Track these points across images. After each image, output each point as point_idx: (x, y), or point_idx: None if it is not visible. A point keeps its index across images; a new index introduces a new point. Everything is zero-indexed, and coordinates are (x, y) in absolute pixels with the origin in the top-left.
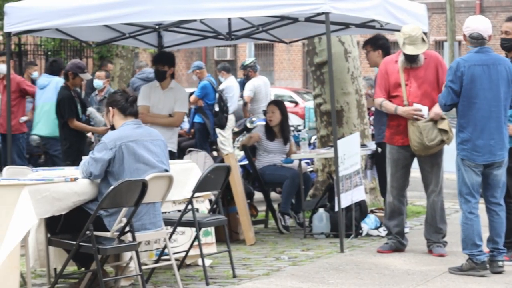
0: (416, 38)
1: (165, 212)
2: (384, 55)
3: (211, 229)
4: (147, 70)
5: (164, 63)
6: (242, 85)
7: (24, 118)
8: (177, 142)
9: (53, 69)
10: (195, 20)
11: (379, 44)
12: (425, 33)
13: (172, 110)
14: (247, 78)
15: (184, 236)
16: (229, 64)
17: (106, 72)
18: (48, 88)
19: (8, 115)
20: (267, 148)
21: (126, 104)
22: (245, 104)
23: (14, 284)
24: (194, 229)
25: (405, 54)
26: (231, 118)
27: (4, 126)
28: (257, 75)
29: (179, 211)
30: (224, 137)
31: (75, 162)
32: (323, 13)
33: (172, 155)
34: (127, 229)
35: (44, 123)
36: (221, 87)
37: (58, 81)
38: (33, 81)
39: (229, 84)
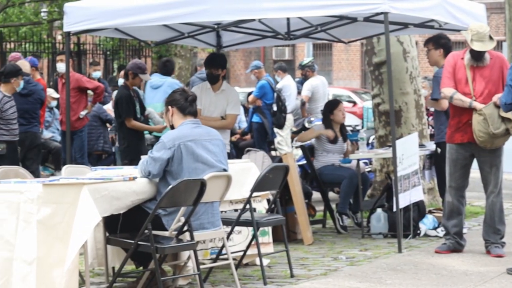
0: (484, 35)
1: (222, 212)
2: (445, 55)
3: (268, 229)
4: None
5: (217, 66)
6: (301, 85)
7: (83, 113)
8: (236, 143)
9: (166, 70)
10: (254, 20)
11: (441, 43)
12: None
13: (224, 113)
14: (305, 78)
15: (240, 236)
16: (287, 64)
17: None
18: (161, 88)
19: (67, 113)
20: (327, 147)
21: (186, 103)
22: (303, 104)
23: (74, 283)
24: (250, 228)
25: (471, 52)
26: (289, 118)
27: (65, 123)
28: (315, 75)
29: (235, 210)
30: (282, 137)
31: (133, 162)
32: (382, 13)
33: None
34: (185, 228)
35: None
36: (277, 86)
37: (171, 82)
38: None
39: (286, 83)
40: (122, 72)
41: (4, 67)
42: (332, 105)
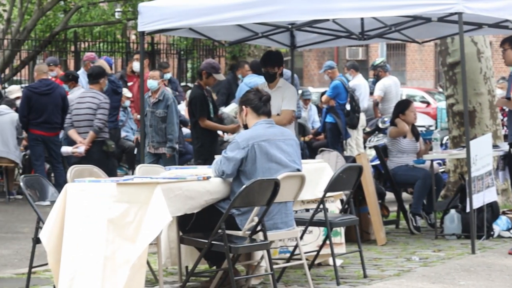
0: None
1: (294, 211)
2: None
3: (341, 229)
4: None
5: (273, 64)
6: (373, 85)
7: None
8: (309, 143)
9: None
10: (327, 20)
11: None
12: None
13: (280, 109)
14: (377, 78)
15: (311, 235)
16: (361, 64)
17: (161, 72)
18: None
19: (141, 112)
20: (401, 147)
21: (260, 103)
22: (376, 104)
23: (140, 281)
24: (321, 228)
25: None
26: (361, 117)
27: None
28: (388, 75)
29: (307, 210)
30: (354, 137)
31: (207, 161)
32: (456, 13)
33: None
34: (258, 228)
35: None
36: (349, 85)
37: None
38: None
39: (357, 82)
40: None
41: (91, 69)
42: (404, 105)
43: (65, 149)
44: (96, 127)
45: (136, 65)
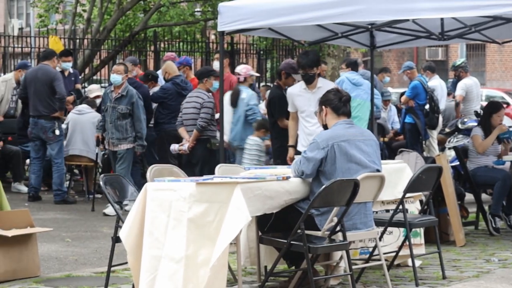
0: None
1: (374, 212)
2: None
3: (420, 230)
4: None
5: (312, 65)
6: (454, 85)
7: None
8: (388, 143)
9: (356, 68)
10: (407, 20)
11: None
12: None
13: None
14: (458, 78)
15: (391, 236)
16: (440, 65)
17: (124, 66)
18: (362, 87)
19: (221, 111)
20: None
21: (339, 104)
22: (457, 104)
23: (222, 282)
24: (402, 229)
25: None
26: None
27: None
28: (468, 75)
29: (386, 211)
30: (433, 138)
31: (286, 161)
32: None
33: None
34: (338, 228)
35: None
36: None
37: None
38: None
39: (434, 84)
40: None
41: (199, 70)
42: (494, 107)
43: (173, 147)
44: (199, 126)
45: (216, 65)
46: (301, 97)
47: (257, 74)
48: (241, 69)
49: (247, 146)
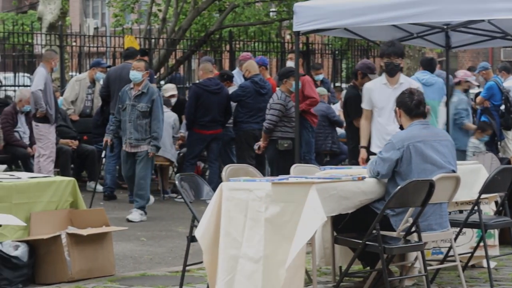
0: None
1: (448, 213)
2: None
3: (494, 231)
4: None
5: (398, 54)
6: None
7: None
8: None
9: (432, 67)
10: (483, 21)
11: None
12: None
13: None
14: None
15: (464, 237)
16: None
17: (146, 63)
18: (433, 87)
19: (296, 112)
20: None
21: (412, 106)
22: None
23: (299, 282)
24: (475, 230)
25: None
26: None
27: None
28: None
29: (460, 211)
30: (508, 139)
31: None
32: None
33: None
34: (413, 229)
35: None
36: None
37: (442, 83)
38: (316, 84)
39: (509, 84)
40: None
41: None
42: None
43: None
44: (264, 128)
45: (289, 64)
46: (380, 92)
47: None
48: (458, 73)
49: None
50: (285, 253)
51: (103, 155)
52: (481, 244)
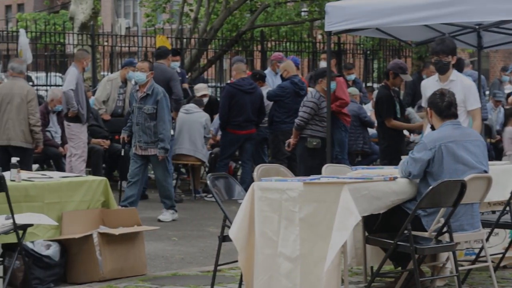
0: None
1: (480, 213)
2: None
3: None
4: (468, 71)
5: (447, 52)
6: None
7: None
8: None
9: (459, 67)
10: None
11: None
12: None
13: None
14: None
15: (497, 238)
16: None
17: (149, 63)
18: None
19: (328, 111)
20: None
21: (442, 107)
22: None
23: (334, 283)
24: (508, 230)
25: None
26: None
27: None
28: None
29: (493, 212)
30: None
31: (393, 161)
32: None
33: None
34: (444, 229)
35: None
36: None
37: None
38: (348, 84)
39: None
40: None
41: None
42: None
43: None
44: (295, 124)
45: (322, 64)
46: (432, 89)
47: None
48: None
49: None
50: (320, 252)
51: (122, 153)
52: None
